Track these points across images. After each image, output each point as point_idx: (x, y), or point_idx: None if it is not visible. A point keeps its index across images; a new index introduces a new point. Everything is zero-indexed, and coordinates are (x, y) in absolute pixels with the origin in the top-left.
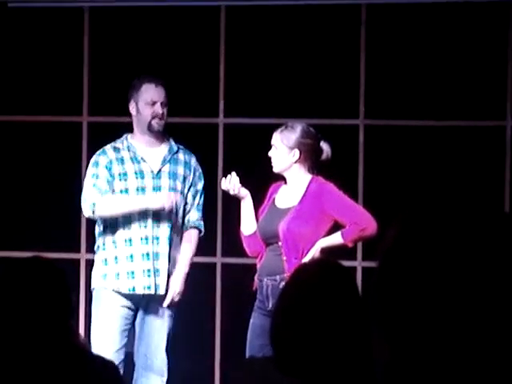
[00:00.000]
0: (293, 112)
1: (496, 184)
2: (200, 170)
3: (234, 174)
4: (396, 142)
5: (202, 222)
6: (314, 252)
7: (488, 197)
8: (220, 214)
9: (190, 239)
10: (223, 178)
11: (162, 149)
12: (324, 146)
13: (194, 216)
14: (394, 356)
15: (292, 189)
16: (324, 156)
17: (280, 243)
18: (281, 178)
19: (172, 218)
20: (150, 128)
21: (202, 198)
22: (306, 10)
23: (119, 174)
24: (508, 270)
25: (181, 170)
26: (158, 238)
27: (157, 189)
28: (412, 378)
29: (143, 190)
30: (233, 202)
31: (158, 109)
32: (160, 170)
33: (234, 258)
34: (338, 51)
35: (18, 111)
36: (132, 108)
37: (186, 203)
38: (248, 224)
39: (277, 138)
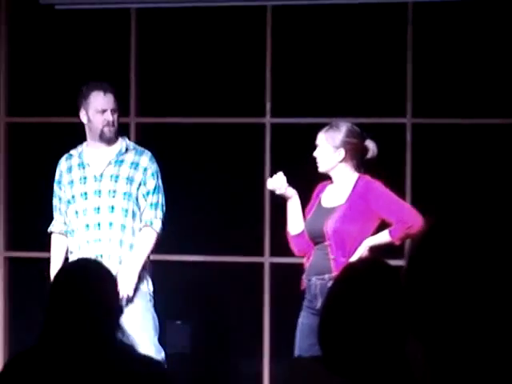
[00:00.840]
0: (339, 111)
1: None
2: (154, 169)
3: (280, 173)
4: (444, 141)
5: (157, 220)
6: (361, 251)
7: None
8: (267, 214)
9: (142, 238)
10: (270, 178)
11: (111, 151)
12: (370, 144)
13: (148, 215)
14: (426, 355)
15: (338, 188)
16: (370, 155)
17: (327, 242)
18: (327, 178)
19: (123, 220)
20: (101, 136)
21: (159, 196)
22: (352, 8)
23: (68, 183)
24: None
25: (125, 171)
26: (110, 240)
27: (97, 192)
28: (445, 377)
29: (86, 194)
30: (280, 202)
31: (109, 116)
32: (102, 174)
33: (282, 257)
34: (385, 50)
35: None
36: (83, 116)
37: (137, 203)
38: (295, 224)
39: (322, 138)
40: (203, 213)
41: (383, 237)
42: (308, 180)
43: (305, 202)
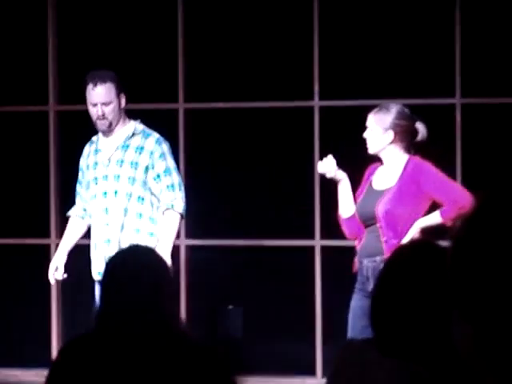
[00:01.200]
0: (388, 92)
1: None
2: (161, 151)
3: (330, 156)
4: (493, 120)
5: (177, 201)
6: (413, 232)
7: None
8: (317, 197)
9: (166, 222)
10: (319, 161)
11: (120, 136)
12: (419, 126)
13: (167, 198)
14: (475, 337)
15: (389, 170)
16: (420, 136)
17: (379, 224)
18: (377, 160)
19: (126, 204)
20: (97, 128)
21: (173, 177)
22: None
23: (86, 168)
24: None
25: (130, 155)
26: (115, 224)
27: (105, 177)
28: (493, 358)
29: (96, 179)
30: (330, 185)
31: (98, 111)
32: (110, 158)
33: (333, 240)
34: (433, 29)
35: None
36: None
37: (146, 187)
38: (346, 206)
39: (371, 120)
40: (253, 197)
41: (434, 218)
42: (358, 162)
43: (355, 184)
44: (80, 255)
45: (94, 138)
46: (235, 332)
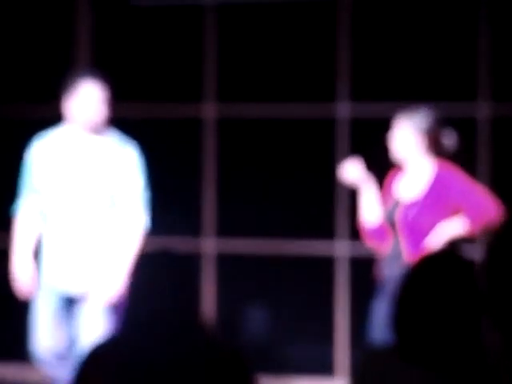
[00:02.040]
0: (418, 96)
1: None
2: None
3: (356, 161)
4: None
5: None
6: (438, 241)
7: None
8: (342, 202)
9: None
10: (348, 165)
11: None
12: (449, 133)
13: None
14: (504, 343)
15: (415, 177)
16: (448, 145)
17: (403, 233)
18: (401, 166)
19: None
20: None
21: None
22: None
23: None
24: None
25: None
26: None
27: None
28: None
29: None
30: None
31: None
32: None
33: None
34: (456, 34)
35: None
36: None
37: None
38: (373, 213)
39: (402, 123)
40: (283, 212)
41: (461, 226)
42: (382, 168)
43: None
44: None
45: None
46: (259, 334)
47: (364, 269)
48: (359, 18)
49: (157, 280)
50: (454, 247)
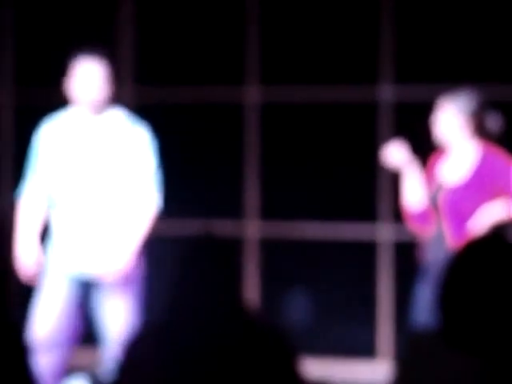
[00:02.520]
0: (461, 77)
1: None
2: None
3: (400, 143)
4: None
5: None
6: (484, 225)
7: None
8: (383, 184)
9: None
10: (392, 148)
11: None
12: (495, 116)
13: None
14: None
15: (459, 160)
16: (493, 129)
17: (447, 217)
18: (446, 149)
19: None
20: None
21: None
22: None
23: None
24: None
25: None
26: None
27: None
28: None
29: None
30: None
31: None
32: None
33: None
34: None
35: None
36: None
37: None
38: (417, 196)
39: (448, 105)
40: (325, 196)
41: (505, 211)
42: (426, 152)
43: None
44: None
45: None
46: (301, 317)
47: (407, 253)
48: (401, 2)
49: (200, 264)
50: (500, 231)
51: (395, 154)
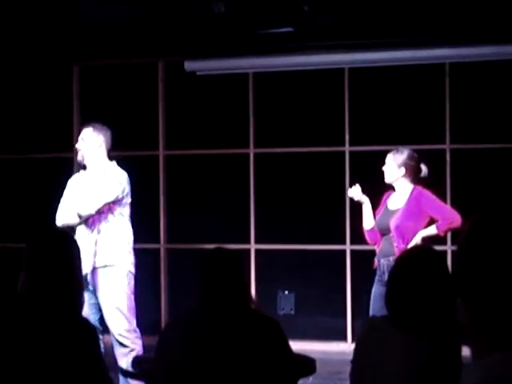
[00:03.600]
0: (398, 140)
1: None
2: None
3: (357, 185)
4: (475, 161)
5: None
6: (416, 240)
7: None
8: (348, 214)
9: None
10: (349, 188)
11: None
12: (423, 166)
13: None
14: (469, 310)
15: (399, 195)
16: (422, 174)
17: (391, 234)
18: (391, 187)
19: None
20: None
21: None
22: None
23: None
24: None
25: None
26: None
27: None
28: (480, 324)
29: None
30: (357, 207)
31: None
32: None
33: (359, 245)
34: (427, 97)
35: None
36: None
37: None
38: (368, 221)
39: (390, 158)
40: (305, 216)
41: (432, 230)
42: (378, 190)
43: (376, 205)
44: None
45: None
46: (290, 310)
47: (364, 259)
48: (357, 84)
49: (216, 270)
50: (427, 243)
51: (355, 191)
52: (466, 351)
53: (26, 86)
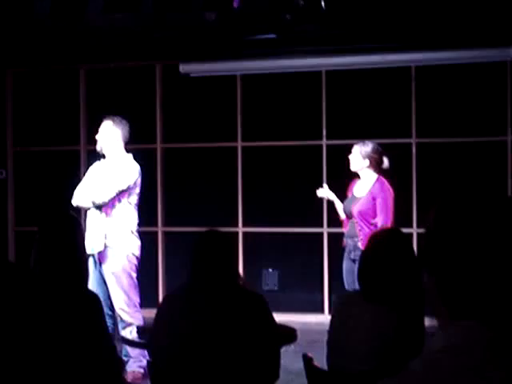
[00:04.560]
0: (366, 135)
1: (501, 182)
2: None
3: (325, 185)
4: (438, 154)
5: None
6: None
7: (496, 190)
8: (325, 201)
9: None
10: (318, 189)
11: None
12: (385, 159)
13: None
14: (436, 284)
15: (363, 183)
16: (384, 165)
17: (355, 219)
18: (357, 176)
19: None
20: None
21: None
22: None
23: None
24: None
25: None
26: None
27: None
28: (446, 297)
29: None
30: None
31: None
32: None
33: (334, 228)
34: (394, 99)
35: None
36: None
37: None
38: (341, 213)
39: (356, 149)
40: (287, 202)
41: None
42: (352, 179)
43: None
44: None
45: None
46: (274, 286)
47: (337, 240)
48: (334, 86)
49: (207, 249)
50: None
51: (323, 192)
52: (432, 322)
53: (38, 86)
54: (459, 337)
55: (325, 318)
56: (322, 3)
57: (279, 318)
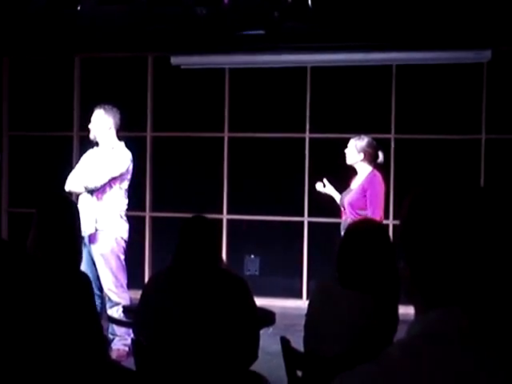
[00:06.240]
0: (352, 129)
1: (475, 178)
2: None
3: (319, 182)
4: (415, 149)
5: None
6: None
7: (469, 181)
8: (306, 191)
9: None
10: (319, 183)
11: None
12: (380, 153)
13: None
14: (412, 272)
15: (359, 176)
16: (379, 160)
17: (347, 210)
18: (353, 168)
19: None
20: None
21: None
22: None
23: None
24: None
25: None
26: None
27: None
28: (422, 284)
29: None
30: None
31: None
32: None
33: (315, 217)
34: (376, 96)
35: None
36: None
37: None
38: (339, 202)
39: (351, 143)
40: (270, 191)
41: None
42: (333, 170)
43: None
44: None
45: None
46: (255, 272)
47: (319, 229)
48: (319, 81)
49: (192, 234)
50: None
51: (319, 186)
52: (407, 310)
53: (34, 74)
54: (434, 324)
55: (303, 303)
56: (309, 2)
57: (259, 301)
